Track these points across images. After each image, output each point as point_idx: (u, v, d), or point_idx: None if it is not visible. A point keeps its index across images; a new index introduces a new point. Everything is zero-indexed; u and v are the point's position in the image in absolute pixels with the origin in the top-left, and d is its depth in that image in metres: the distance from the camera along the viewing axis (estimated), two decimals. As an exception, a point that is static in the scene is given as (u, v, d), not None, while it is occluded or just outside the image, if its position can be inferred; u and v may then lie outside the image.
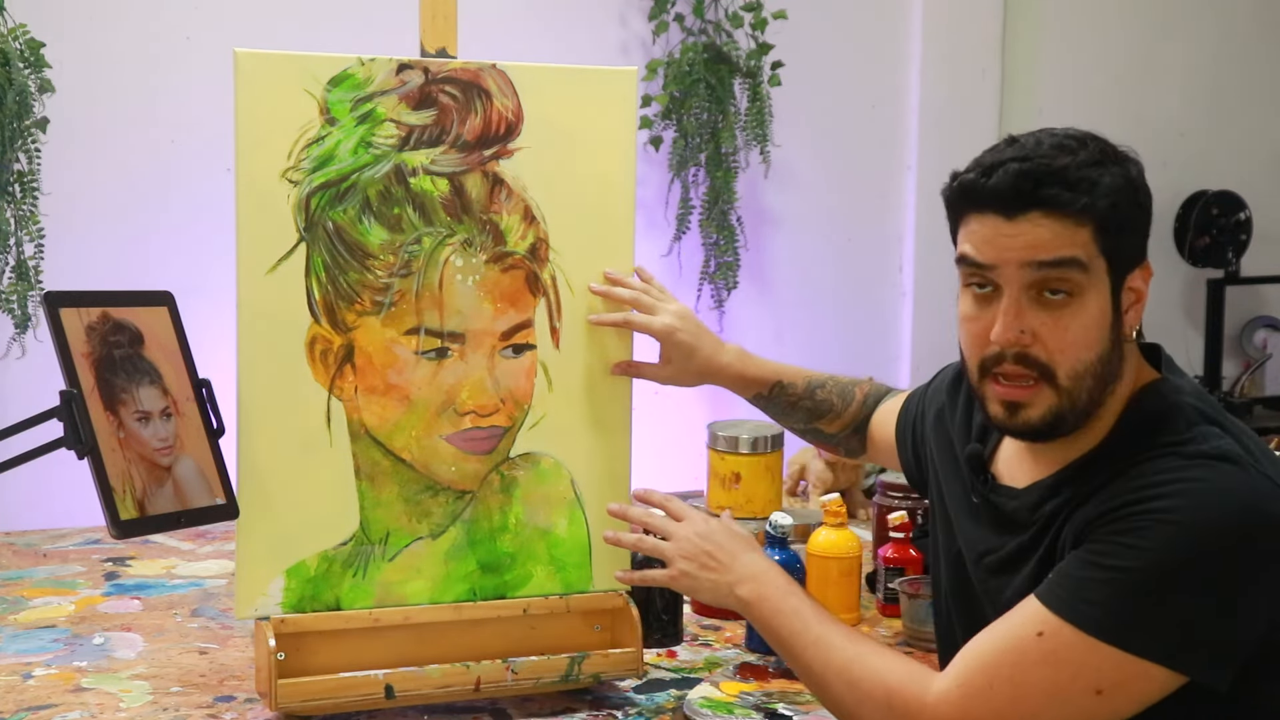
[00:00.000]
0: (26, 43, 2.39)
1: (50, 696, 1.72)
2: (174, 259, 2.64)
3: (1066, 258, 1.31)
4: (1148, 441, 1.32)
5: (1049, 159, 1.32)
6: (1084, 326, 1.32)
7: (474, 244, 1.71)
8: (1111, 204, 1.31)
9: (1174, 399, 1.35)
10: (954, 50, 3.45)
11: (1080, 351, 1.33)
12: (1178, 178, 3.75)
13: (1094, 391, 1.34)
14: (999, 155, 1.34)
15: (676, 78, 3.04)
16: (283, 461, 1.66)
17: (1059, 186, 1.31)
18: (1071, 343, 1.32)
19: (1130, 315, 1.36)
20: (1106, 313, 1.33)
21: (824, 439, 1.89)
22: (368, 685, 1.65)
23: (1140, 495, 1.28)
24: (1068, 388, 1.33)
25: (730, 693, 1.77)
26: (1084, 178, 1.31)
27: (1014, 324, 1.32)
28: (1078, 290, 1.32)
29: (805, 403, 1.85)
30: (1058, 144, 1.33)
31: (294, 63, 1.64)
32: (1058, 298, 1.32)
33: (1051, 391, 1.33)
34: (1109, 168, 1.33)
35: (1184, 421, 1.32)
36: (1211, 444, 1.29)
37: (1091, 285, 1.32)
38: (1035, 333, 1.32)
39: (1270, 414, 3.72)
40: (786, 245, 3.33)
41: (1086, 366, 1.33)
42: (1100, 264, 1.32)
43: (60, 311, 1.45)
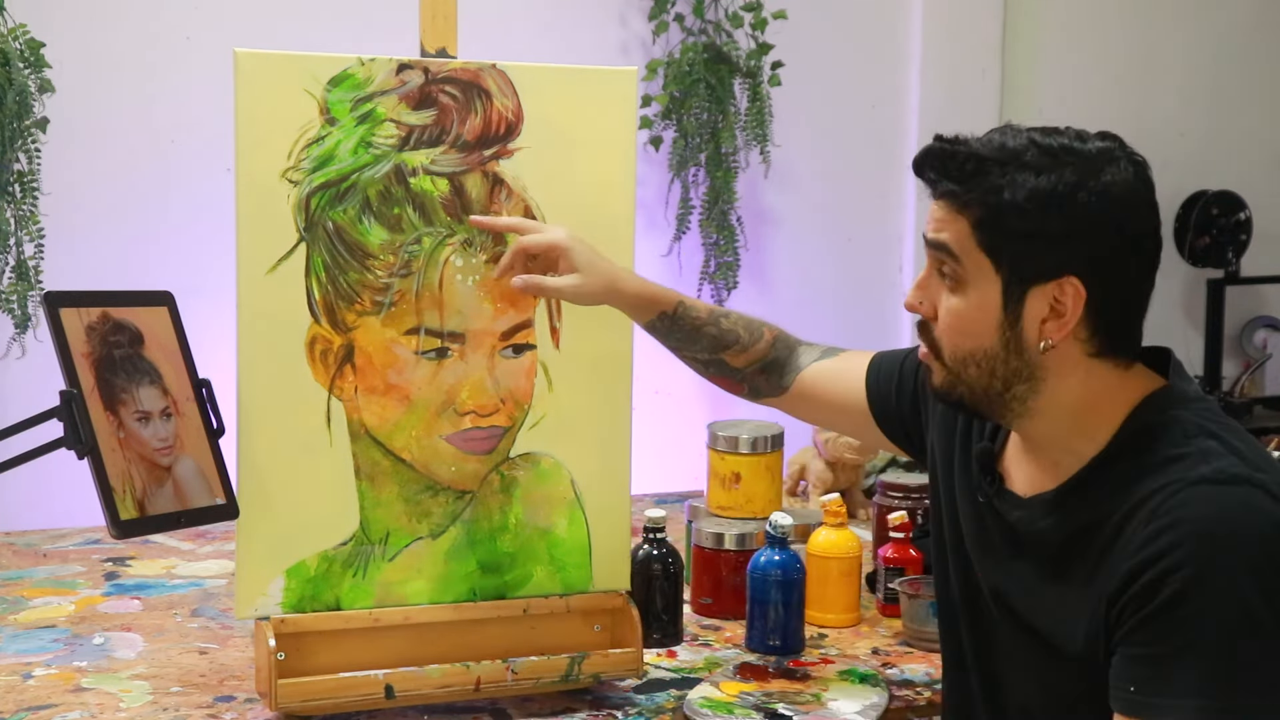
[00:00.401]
0: (26, 43, 2.38)
1: (50, 696, 1.72)
2: (174, 259, 2.64)
3: (937, 241, 1.36)
4: (1144, 457, 1.31)
5: (961, 146, 1.34)
6: (958, 315, 1.36)
7: (474, 244, 1.71)
8: (1001, 204, 1.30)
9: (1172, 411, 1.33)
10: (954, 50, 3.44)
11: (955, 337, 1.37)
12: (1178, 178, 3.74)
13: (984, 383, 1.36)
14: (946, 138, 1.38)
15: (676, 78, 3.04)
16: (283, 461, 1.66)
17: (940, 173, 1.35)
18: (948, 325, 1.37)
19: (1047, 326, 1.33)
20: (993, 312, 1.34)
21: (728, 373, 1.77)
22: (368, 685, 1.65)
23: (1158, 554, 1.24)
24: (952, 368, 1.38)
25: (730, 693, 1.77)
26: (977, 171, 1.32)
27: (914, 291, 1.40)
28: (957, 278, 1.35)
29: (710, 329, 1.74)
30: (997, 138, 1.34)
31: (294, 63, 1.64)
32: (945, 281, 1.37)
33: (941, 367, 1.40)
34: (1027, 173, 1.30)
35: (1181, 434, 1.31)
36: (1212, 465, 1.27)
37: (971, 279, 1.34)
38: (932, 305, 1.39)
39: (1270, 414, 3.71)
40: (786, 245, 3.33)
41: (966, 354, 1.36)
42: (981, 260, 1.33)
43: (60, 311, 1.45)
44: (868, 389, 1.70)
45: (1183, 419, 1.32)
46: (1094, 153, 1.32)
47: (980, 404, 1.39)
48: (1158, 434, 1.32)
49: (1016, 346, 1.34)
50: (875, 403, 1.69)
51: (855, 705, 1.74)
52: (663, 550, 1.93)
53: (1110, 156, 1.33)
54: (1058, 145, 1.32)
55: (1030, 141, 1.32)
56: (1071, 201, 1.30)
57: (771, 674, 1.85)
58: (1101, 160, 1.32)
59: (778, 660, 1.90)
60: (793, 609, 1.93)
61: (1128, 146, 1.36)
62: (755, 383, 1.78)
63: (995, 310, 1.34)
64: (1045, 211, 1.30)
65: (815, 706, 1.74)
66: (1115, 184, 1.31)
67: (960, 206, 1.33)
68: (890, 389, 1.68)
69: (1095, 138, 1.35)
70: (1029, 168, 1.31)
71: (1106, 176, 1.31)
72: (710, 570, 2.08)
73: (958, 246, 1.34)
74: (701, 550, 2.09)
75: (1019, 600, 1.41)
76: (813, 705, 1.74)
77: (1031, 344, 1.34)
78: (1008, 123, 1.37)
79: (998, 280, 1.33)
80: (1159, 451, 1.30)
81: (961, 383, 1.38)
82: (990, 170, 1.31)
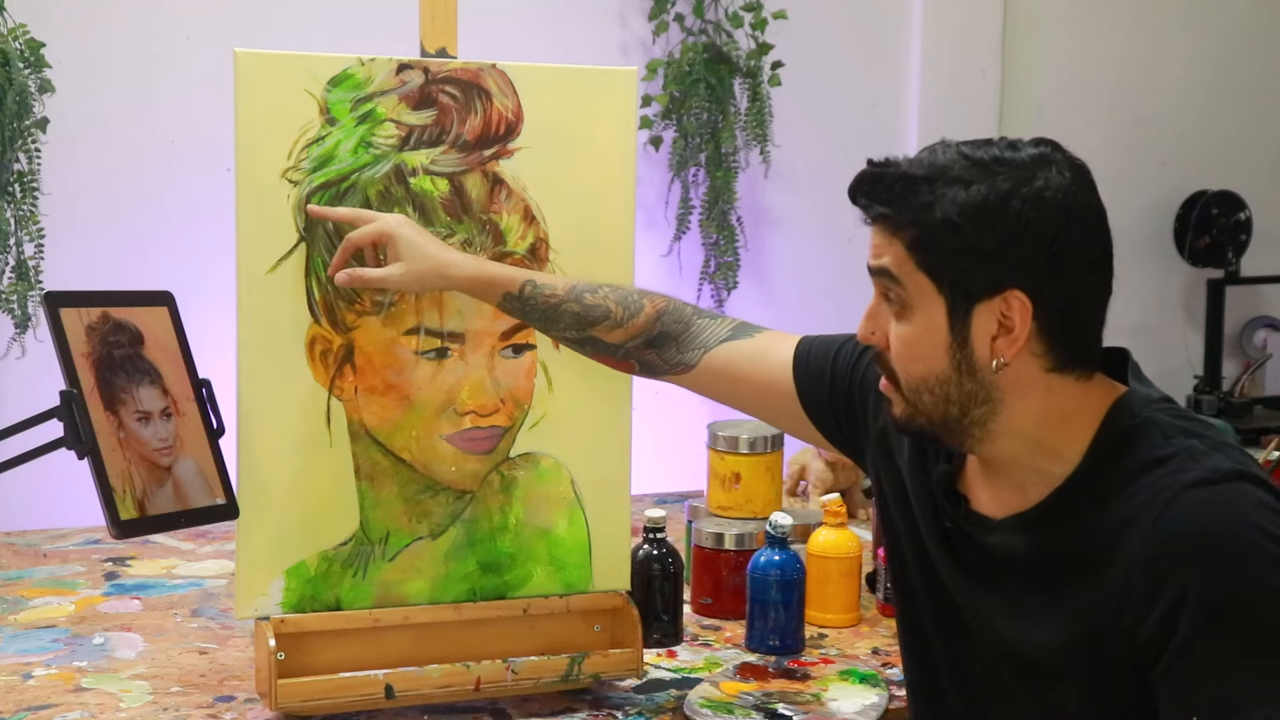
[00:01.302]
0: (26, 43, 2.38)
1: (50, 696, 1.72)
2: (174, 259, 2.64)
3: (879, 267, 1.32)
4: (1126, 464, 1.27)
5: (890, 168, 1.31)
6: (906, 341, 1.32)
7: (474, 244, 1.71)
8: (930, 221, 1.27)
9: (1144, 414, 1.30)
10: (954, 50, 3.45)
11: (906, 364, 1.33)
12: (1178, 178, 3.74)
13: (941, 409, 1.32)
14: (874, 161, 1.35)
15: (676, 78, 3.04)
16: (283, 461, 1.66)
17: (868, 196, 1.32)
18: (899, 353, 1.33)
19: (998, 343, 1.28)
20: (940, 334, 1.30)
21: (606, 350, 1.67)
22: (368, 685, 1.65)
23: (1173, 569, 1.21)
24: (909, 398, 1.34)
25: (730, 693, 1.77)
26: (906, 190, 1.29)
27: (865, 321, 1.37)
28: (902, 302, 1.31)
29: (570, 305, 1.65)
30: (926, 156, 1.31)
31: (294, 63, 1.64)
32: (892, 307, 1.33)
33: (899, 397, 1.35)
34: (956, 187, 1.27)
35: (1160, 436, 1.28)
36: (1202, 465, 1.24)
37: (915, 302, 1.30)
38: (883, 335, 1.35)
39: (1270, 414, 3.71)
40: (786, 245, 3.33)
41: (920, 381, 1.32)
42: (922, 281, 1.29)
43: (60, 311, 1.45)
44: (795, 377, 1.61)
45: (1157, 421, 1.29)
46: (1026, 160, 1.27)
47: (940, 432, 1.34)
48: (1135, 440, 1.29)
49: (969, 368, 1.30)
50: (804, 392, 1.60)
51: (855, 705, 1.74)
52: (663, 550, 1.93)
53: (1044, 161, 1.28)
54: (988, 156, 1.27)
55: (959, 155, 1.28)
56: (1004, 211, 1.25)
57: (771, 674, 1.85)
58: (1034, 167, 1.27)
59: (778, 660, 1.90)
60: (793, 609, 1.93)
61: (1065, 150, 1.31)
62: (644, 358, 1.68)
63: (943, 332, 1.30)
64: (978, 224, 1.26)
65: (815, 706, 1.74)
66: (1049, 189, 1.26)
67: (894, 229, 1.30)
68: (823, 380, 1.59)
69: (1029, 144, 1.30)
70: (958, 181, 1.26)
71: (1039, 182, 1.26)
72: (710, 570, 2.08)
73: (897, 270, 1.30)
74: (701, 550, 2.09)
75: (1005, 625, 1.35)
76: (813, 705, 1.74)
77: (984, 364, 1.29)
78: (941, 139, 1.33)
79: (941, 301, 1.29)
80: (1140, 456, 1.27)
81: (919, 412, 1.33)
82: (919, 188, 1.28)
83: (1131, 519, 1.25)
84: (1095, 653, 1.28)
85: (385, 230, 1.63)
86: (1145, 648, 1.23)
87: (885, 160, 1.33)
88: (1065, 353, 1.30)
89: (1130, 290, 4.29)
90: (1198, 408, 3.60)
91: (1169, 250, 3.75)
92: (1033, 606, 1.33)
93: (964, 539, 1.39)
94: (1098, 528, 1.27)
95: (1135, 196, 3.72)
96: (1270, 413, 3.72)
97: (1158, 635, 1.21)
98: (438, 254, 1.64)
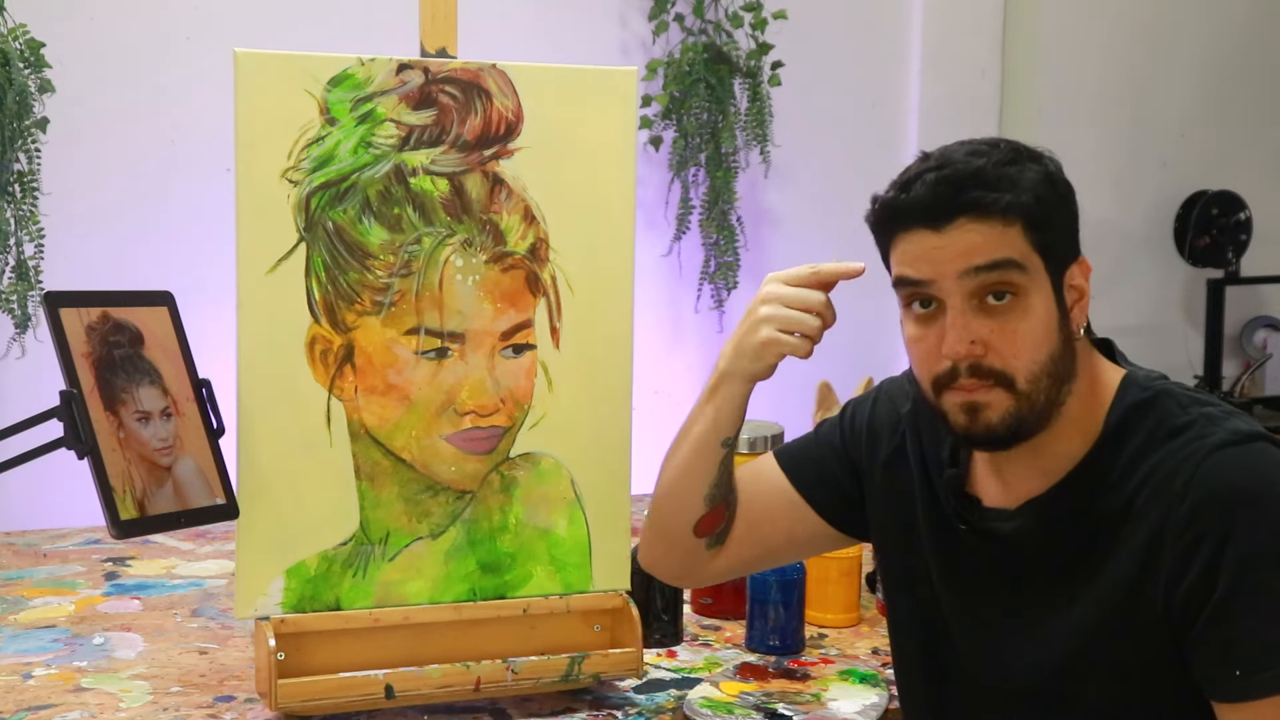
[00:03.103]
0: (26, 43, 2.38)
1: (50, 696, 1.72)
2: (174, 259, 2.64)
3: (1002, 259, 1.29)
4: (1146, 432, 1.31)
5: (964, 164, 1.31)
6: (1032, 327, 1.30)
7: (474, 244, 1.71)
8: (1035, 198, 1.30)
9: (1157, 386, 1.35)
10: (954, 50, 3.45)
11: (1033, 353, 1.30)
12: (1178, 178, 3.75)
13: (1050, 392, 1.32)
14: (914, 169, 1.33)
15: (676, 78, 3.04)
16: (283, 461, 1.66)
17: (980, 188, 1.29)
18: (1023, 345, 1.30)
19: (1075, 312, 1.34)
20: (1052, 310, 1.31)
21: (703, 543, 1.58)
22: (368, 685, 1.65)
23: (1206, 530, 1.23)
24: (1026, 391, 1.30)
25: (730, 693, 1.77)
26: (1003, 176, 1.30)
27: (963, 335, 1.30)
28: (1020, 291, 1.30)
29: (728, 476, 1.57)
30: (970, 150, 1.32)
31: (294, 63, 1.64)
32: (1002, 302, 1.30)
33: (1009, 396, 1.31)
34: (1025, 165, 1.31)
35: (1177, 406, 1.32)
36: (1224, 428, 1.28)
37: (1033, 284, 1.30)
38: (985, 341, 1.30)
39: (1270, 414, 3.71)
40: (786, 245, 3.33)
41: (1041, 367, 1.30)
42: (1036, 261, 1.30)
43: (60, 311, 1.45)
44: (793, 481, 1.56)
45: (1172, 391, 1.34)
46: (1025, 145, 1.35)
47: (1040, 421, 1.32)
48: (1151, 410, 1.32)
49: (1066, 339, 1.32)
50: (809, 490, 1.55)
51: (855, 705, 1.74)
52: (663, 550, 1.93)
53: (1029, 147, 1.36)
54: (1010, 142, 1.34)
55: (994, 144, 1.33)
56: (1057, 185, 1.33)
57: (771, 674, 1.85)
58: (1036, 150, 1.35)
59: (778, 660, 1.90)
60: (793, 609, 1.93)
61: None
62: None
63: (1054, 309, 1.31)
64: (1059, 198, 1.33)
65: (815, 706, 1.74)
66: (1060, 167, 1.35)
67: (1006, 215, 1.29)
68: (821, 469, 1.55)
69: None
70: (1028, 159, 1.32)
71: (1052, 162, 1.35)
72: (710, 570, 2.08)
73: (1021, 256, 1.29)
74: (701, 550, 2.09)
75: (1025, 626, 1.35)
76: (813, 705, 1.74)
77: (1072, 334, 1.33)
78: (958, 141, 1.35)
79: (1047, 277, 1.31)
80: (1160, 425, 1.30)
81: (1034, 402, 1.30)
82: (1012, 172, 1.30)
83: (1158, 484, 1.27)
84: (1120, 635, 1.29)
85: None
86: (1180, 610, 1.25)
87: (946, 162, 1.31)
88: (1088, 322, 1.36)
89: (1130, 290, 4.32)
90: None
91: (1169, 250, 3.75)
92: (1053, 596, 1.34)
93: (977, 539, 1.39)
94: (1125, 499, 1.29)
95: (1135, 196, 3.73)
96: (1270, 413, 3.72)
97: (1196, 594, 1.24)
98: None
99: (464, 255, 1.71)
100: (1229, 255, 3.69)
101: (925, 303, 1.33)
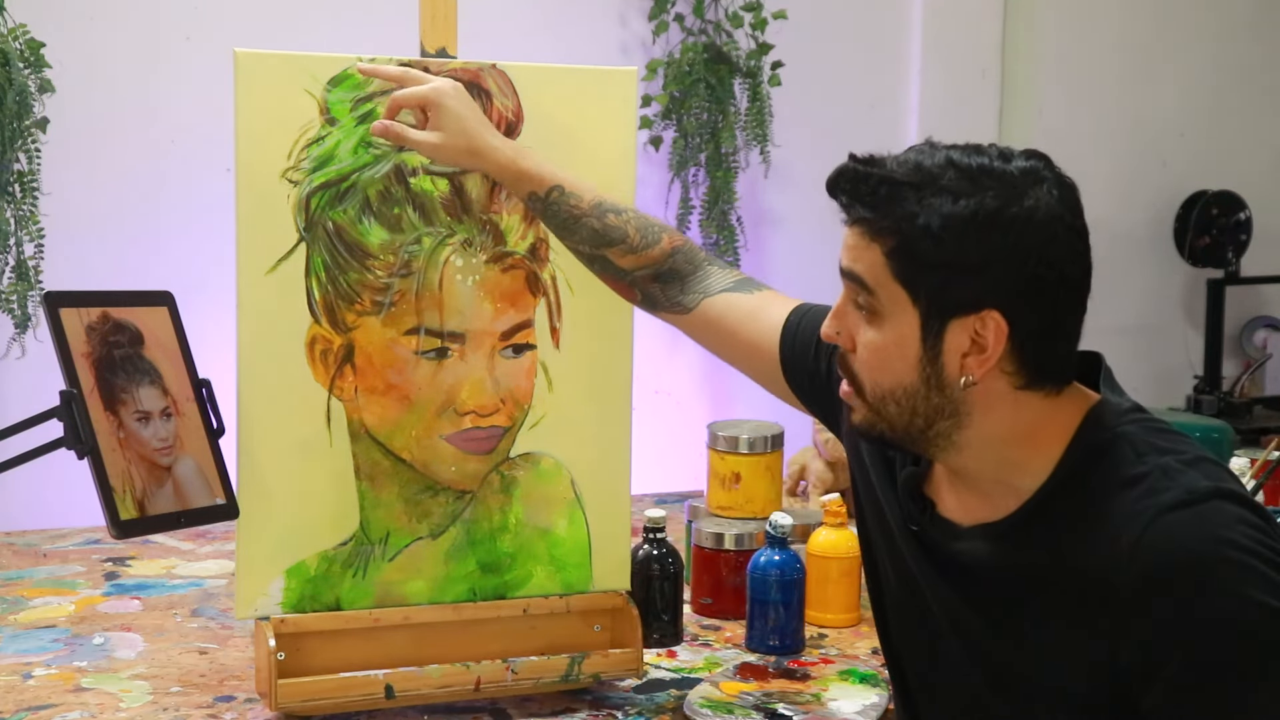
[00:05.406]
0: (26, 43, 2.38)
1: (50, 696, 1.72)
2: (174, 259, 2.64)
3: (850, 272, 1.28)
4: (1098, 481, 1.24)
5: (875, 168, 1.26)
6: (874, 349, 1.28)
7: (474, 244, 1.71)
8: (918, 231, 1.22)
9: (1116, 429, 1.26)
10: (954, 50, 3.45)
11: (872, 373, 1.28)
12: (1178, 178, 3.74)
13: (905, 420, 1.28)
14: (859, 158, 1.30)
15: (676, 78, 3.04)
16: (283, 461, 1.66)
17: (852, 196, 1.27)
18: (865, 361, 1.29)
19: (968, 361, 1.24)
20: (910, 345, 1.25)
21: (614, 273, 1.65)
22: (368, 685, 1.65)
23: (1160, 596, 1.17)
24: (873, 404, 1.30)
25: (730, 693, 1.77)
26: (891, 196, 1.24)
27: (830, 320, 1.33)
28: (872, 310, 1.27)
29: (590, 221, 1.63)
30: (914, 158, 1.26)
31: (294, 63, 1.64)
32: (860, 313, 1.29)
33: (862, 403, 1.31)
34: (944, 197, 1.21)
35: (1132, 453, 1.24)
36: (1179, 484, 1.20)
37: (888, 311, 1.26)
38: (848, 338, 1.31)
39: (1270, 414, 3.71)
40: (786, 245, 3.33)
41: (885, 391, 1.28)
42: (897, 292, 1.25)
43: (60, 311, 1.45)
44: (781, 342, 1.58)
45: (1129, 436, 1.25)
46: (1016, 174, 1.23)
47: (902, 440, 1.31)
48: (1106, 454, 1.25)
49: (938, 383, 1.26)
50: (787, 360, 1.57)
51: (855, 705, 1.74)
52: (663, 550, 1.93)
53: (1035, 178, 1.23)
54: (977, 166, 1.23)
55: (949, 162, 1.23)
56: (990, 229, 1.21)
57: (771, 674, 1.85)
58: (1025, 183, 1.23)
59: (778, 660, 1.90)
60: (793, 609, 1.93)
61: (1055, 167, 1.26)
62: (648, 290, 1.65)
63: (914, 345, 1.25)
64: (962, 240, 1.21)
65: (815, 706, 1.74)
66: (1039, 209, 1.22)
67: (873, 234, 1.25)
68: (807, 354, 1.55)
69: (1020, 156, 1.25)
70: (946, 191, 1.21)
71: (1029, 201, 1.22)
72: (710, 570, 2.08)
73: (871, 278, 1.26)
74: (701, 550, 2.09)
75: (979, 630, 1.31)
76: (813, 705, 1.74)
77: (953, 380, 1.25)
78: (927, 139, 1.28)
79: (915, 313, 1.25)
80: (1113, 474, 1.23)
81: (882, 420, 1.30)
82: (905, 195, 1.23)
83: (1106, 541, 1.21)
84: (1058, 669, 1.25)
85: (431, 97, 1.60)
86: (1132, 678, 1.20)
87: (870, 158, 1.27)
88: (1036, 372, 1.27)
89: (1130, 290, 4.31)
90: (1198, 408, 3.60)
91: (1169, 250, 3.75)
92: (1002, 620, 1.29)
93: (930, 543, 1.36)
94: (1070, 547, 1.24)
95: (1135, 196, 3.72)
96: (1270, 413, 3.72)
97: (1147, 665, 1.18)
98: (476, 132, 1.61)
99: (464, 255, 1.71)
100: (1229, 255, 3.69)
101: None
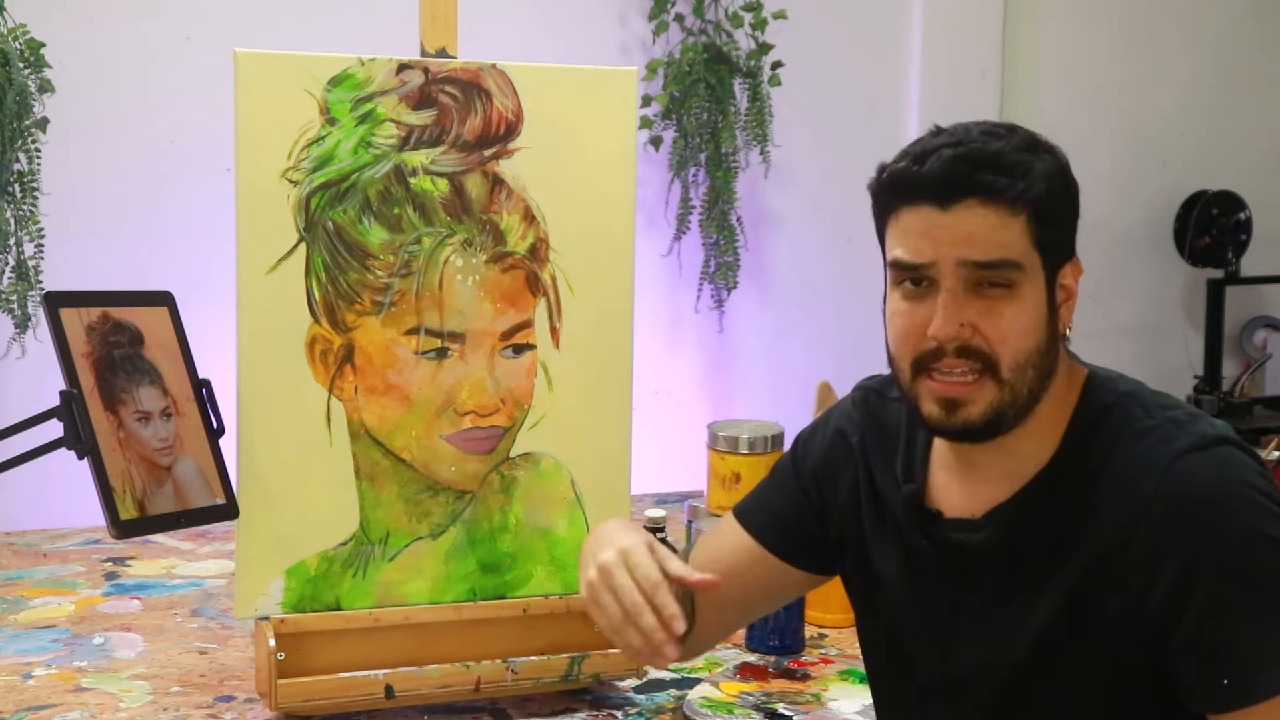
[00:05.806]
0: (26, 43, 2.38)
1: (50, 696, 1.72)
2: (174, 259, 2.64)
3: (1000, 259, 1.26)
4: (1111, 437, 1.28)
5: (981, 144, 1.27)
6: (1020, 315, 1.27)
7: (474, 244, 1.71)
8: (1046, 189, 1.27)
9: (1121, 390, 1.32)
10: (954, 50, 3.45)
11: (1020, 340, 1.28)
12: (1178, 178, 3.75)
13: (1033, 385, 1.29)
14: (929, 143, 1.29)
15: (676, 78, 3.04)
16: (283, 461, 1.66)
17: (994, 171, 1.25)
18: (1011, 332, 1.27)
19: (1064, 311, 1.30)
20: (1043, 305, 1.29)
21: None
22: (368, 685, 1.65)
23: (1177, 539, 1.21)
24: (1010, 380, 1.28)
25: (730, 693, 1.77)
26: (1019, 162, 1.26)
27: (953, 317, 1.27)
28: (1013, 284, 1.27)
29: None
30: (987, 130, 1.28)
31: (294, 63, 1.64)
32: (995, 290, 1.27)
33: (994, 385, 1.28)
34: (1040, 155, 1.28)
35: (1141, 410, 1.29)
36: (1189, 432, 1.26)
37: (1028, 280, 1.28)
38: (974, 324, 1.27)
39: (1270, 414, 3.71)
40: (786, 245, 3.33)
41: (1027, 356, 1.28)
42: (1035, 259, 1.27)
43: (60, 311, 1.45)
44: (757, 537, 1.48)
45: (1137, 394, 1.32)
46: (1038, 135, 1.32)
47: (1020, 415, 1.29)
48: (1116, 413, 1.30)
49: (1053, 336, 1.30)
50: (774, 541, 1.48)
51: (855, 705, 1.74)
52: (663, 550, 1.93)
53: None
54: (1025, 130, 1.30)
55: (1011, 128, 1.30)
56: (1072, 179, 1.30)
57: (771, 674, 1.85)
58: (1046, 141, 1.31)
59: (778, 660, 1.90)
60: (793, 609, 1.93)
61: None
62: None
63: (1044, 303, 1.29)
64: (1067, 193, 1.29)
65: (815, 706, 1.74)
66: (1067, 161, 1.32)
67: (1013, 204, 1.25)
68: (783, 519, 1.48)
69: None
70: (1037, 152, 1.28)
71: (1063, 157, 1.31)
72: (710, 570, 2.07)
73: (1018, 253, 1.26)
74: (701, 550, 2.09)
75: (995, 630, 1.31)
76: (813, 705, 1.74)
77: (1057, 332, 1.31)
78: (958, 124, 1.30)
79: (1043, 273, 1.28)
80: (1126, 428, 1.28)
81: (1016, 393, 1.28)
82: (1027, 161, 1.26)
83: (1125, 489, 1.25)
84: (1083, 635, 1.27)
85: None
86: (1157, 619, 1.23)
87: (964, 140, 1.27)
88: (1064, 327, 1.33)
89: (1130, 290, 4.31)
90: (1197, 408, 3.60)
91: (1169, 250, 3.75)
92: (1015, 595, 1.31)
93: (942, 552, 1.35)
94: (1087, 501, 1.27)
95: (1135, 196, 3.72)
96: (1270, 413, 3.72)
97: (1172, 604, 1.21)
98: None
99: (464, 255, 1.71)
100: (1229, 255, 3.69)
101: (917, 281, 1.30)
